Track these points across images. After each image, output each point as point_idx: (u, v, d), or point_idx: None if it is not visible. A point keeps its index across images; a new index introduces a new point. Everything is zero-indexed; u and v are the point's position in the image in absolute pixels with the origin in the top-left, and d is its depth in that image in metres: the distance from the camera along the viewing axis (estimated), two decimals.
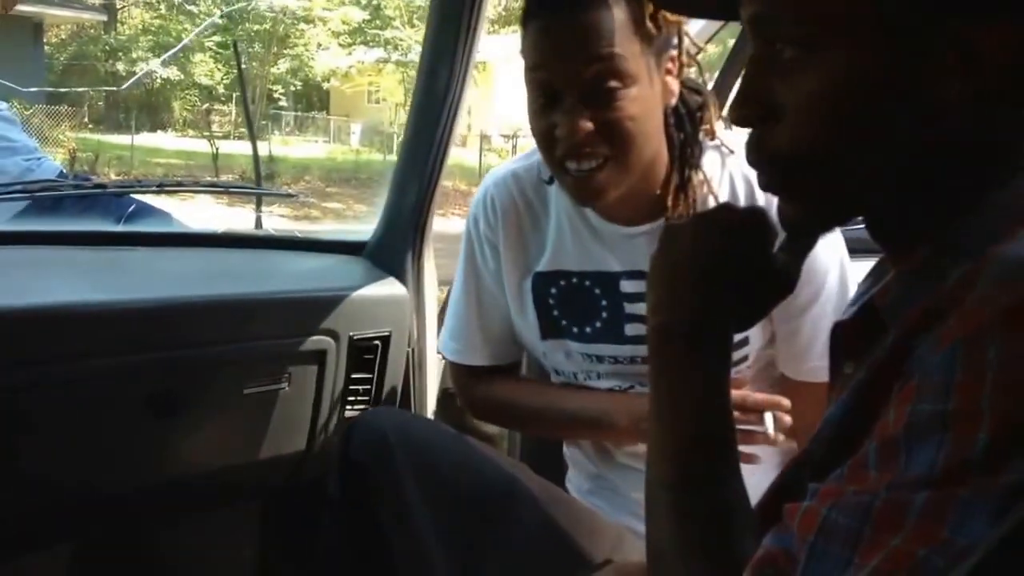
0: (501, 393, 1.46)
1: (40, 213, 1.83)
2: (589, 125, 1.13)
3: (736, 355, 1.29)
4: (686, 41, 1.22)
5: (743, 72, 0.74)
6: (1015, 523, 0.52)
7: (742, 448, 1.18)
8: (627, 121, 1.14)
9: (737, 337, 1.23)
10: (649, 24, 1.13)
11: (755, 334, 1.30)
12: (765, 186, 0.75)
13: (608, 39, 1.10)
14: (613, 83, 1.12)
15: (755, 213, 0.81)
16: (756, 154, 0.73)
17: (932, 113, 0.65)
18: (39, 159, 2.08)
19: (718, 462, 0.76)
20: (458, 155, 20.26)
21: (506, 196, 1.37)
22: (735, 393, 1.21)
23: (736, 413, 1.20)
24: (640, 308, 1.27)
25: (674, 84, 1.20)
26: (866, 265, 0.85)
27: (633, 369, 1.33)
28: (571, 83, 1.13)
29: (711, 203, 1.25)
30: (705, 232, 0.81)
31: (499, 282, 1.40)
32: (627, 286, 1.29)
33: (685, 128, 1.26)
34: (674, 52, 1.20)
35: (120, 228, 1.84)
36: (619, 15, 1.11)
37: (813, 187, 0.71)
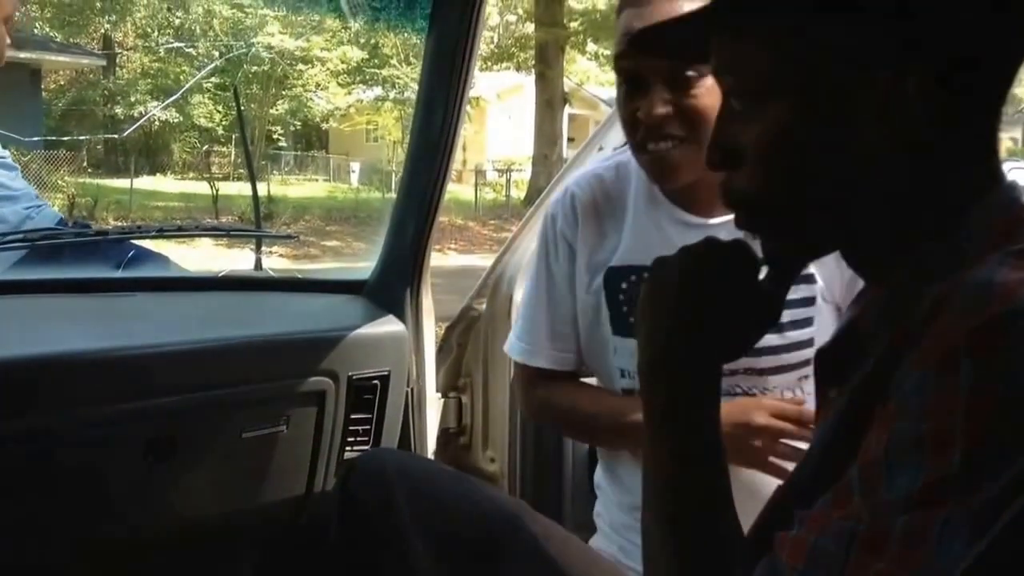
0: (561, 396, 1.46)
1: (39, 261, 1.83)
2: (667, 109, 1.22)
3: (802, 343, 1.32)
4: None
5: (715, 119, 0.79)
6: (994, 540, 0.54)
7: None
8: (701, 106, 1.22)
9: (800, 335, 1.29)
10: None
11: (820, 318, 1.32)
12: (743, 226, 0.78)
13: None
14: (691, 72, 1.21)
15: (738, 244, 0.82)
16: (724, 196, 0.77)
17: (870, 158, 0.68)
18: (39, 207, 2.09)
19: (712, 495, 0.76)
20: (454, 190, 20.38)
21: (587, 193, 1.41)
22: (792, 408, 1.26)
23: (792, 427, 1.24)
24: None
25: None
26: None
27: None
28: (654, 71, 1.22)
29: None
30: (690, 265, 0.82)
31: (570, 283, 1.42)
32: None
33: None
34: None
35: (119, 274, 1.84)
36: (699, 4, 1.16)
37: (777, 226, 0.75)
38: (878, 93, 0.67)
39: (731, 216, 1.27)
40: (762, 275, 0.83)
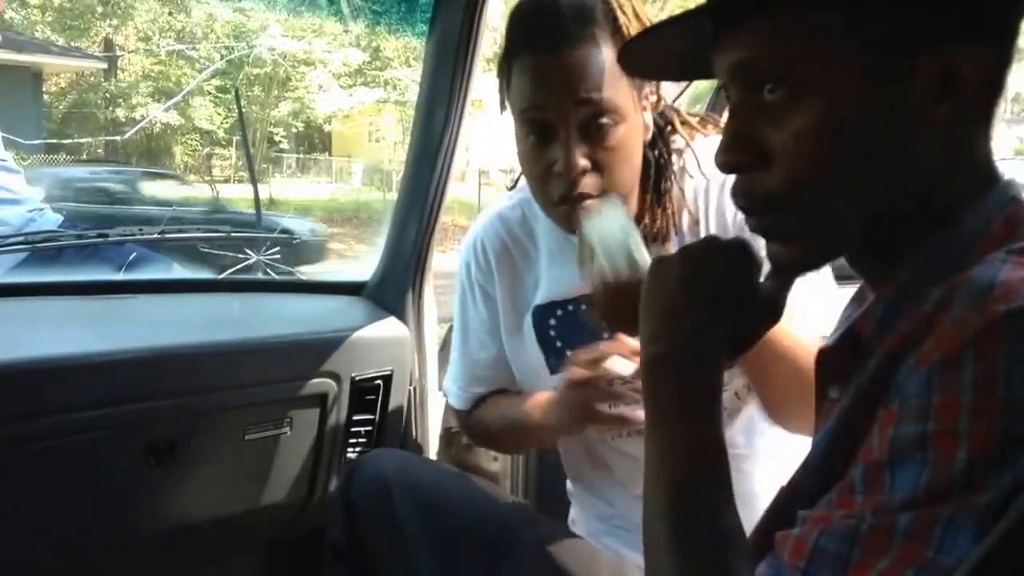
0: (480, 417, 1.47)
1: (41, 263, 1.84)
2: (585, 161, 1.13)
3: None
4: None
5: (727, 119, 0.75)
6: (997, 539, 0.54)
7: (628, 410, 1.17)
8: (619, 156, 1.15)
9: None
10: None
11: None
12: (755, 230, 0.76)
13: (599, 76, 1.12)
14: (606, 120, 1.13)
15: (739, 244, 0.82)
16: (747, 199, 0.75)
17: (916, 141, 0.68)
18: (41, 210, 2.10)
19: (714, 491, 0.76)
20: (457, 190, 20.30)
21: (495, 238, 1.38)
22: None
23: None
24: None
25: (649, 119, 1.22)
26: (850, 291, 0.86)
27: None
28: (566, 119, 1.13)
29: (685, 217, 1.27)
30: (692, 264, 0.82)
31: (493, 329, 1.41)
32: None
33: (658, 146, 1.27)
34: (649, 88, 1.21)
35: (120, 276, 1.85)
36: (607, 52, 1.12)
37: (805, 227, 0.73)
38: (945, 69, 0.66)
39: None
40: (763, 275, 0.84)
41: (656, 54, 0.82)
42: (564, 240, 1.32)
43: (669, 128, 1.29)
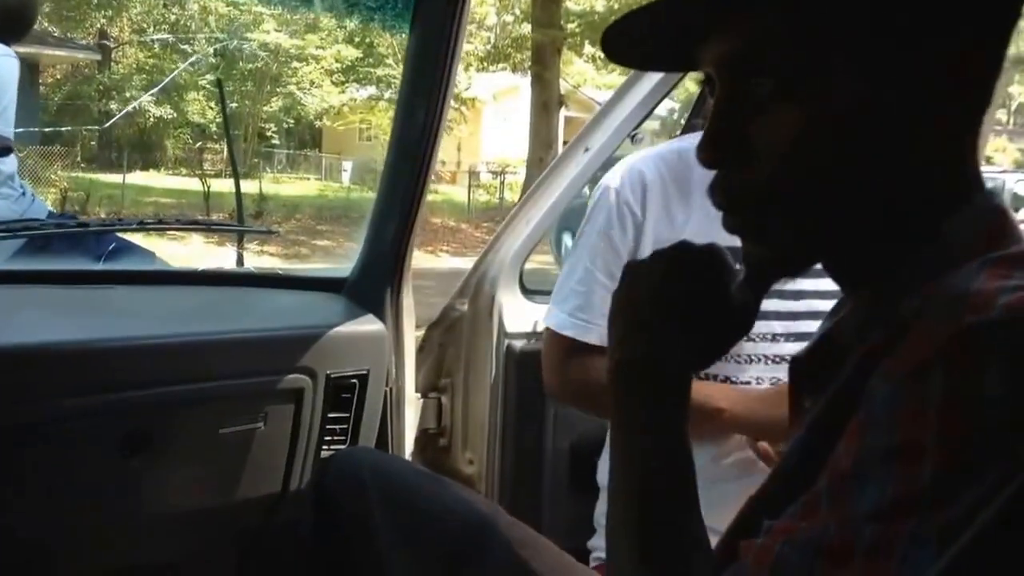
0: (587, 365, 1.44)
1: (30, 253, 1.84)
2: None
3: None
4: None
5: (710, 114, 0.73)
6: (957, 553, 0.53)
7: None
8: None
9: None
10: None
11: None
12: (732, 228, 0.75)
13: None
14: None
15: (713, 252, 0.81)
16: (726, 196, 0.73)
17: (901, 145, 0.67)
18: (31, 199, 2.09)
19: (678, 499, 0.76)
20: (447, 191, 20.37)
21: (654, 171, 1.40)
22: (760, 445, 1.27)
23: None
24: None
25: None
26: None
27: (773, 350, 1.35)
28: None
29: None
30: (664, 270, 0.81)
31: (634, 257, 1.39)
32: None
33: None
34: None
35: (99, 266, 1.84)
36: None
37: (783, 227, 0.71)
38: (917, 84, 0.66)
39: None
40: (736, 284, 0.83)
41: (640, 41, 0.79)
42: None
43: None
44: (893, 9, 0.65)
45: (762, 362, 1.38)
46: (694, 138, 1.36)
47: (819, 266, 0.76)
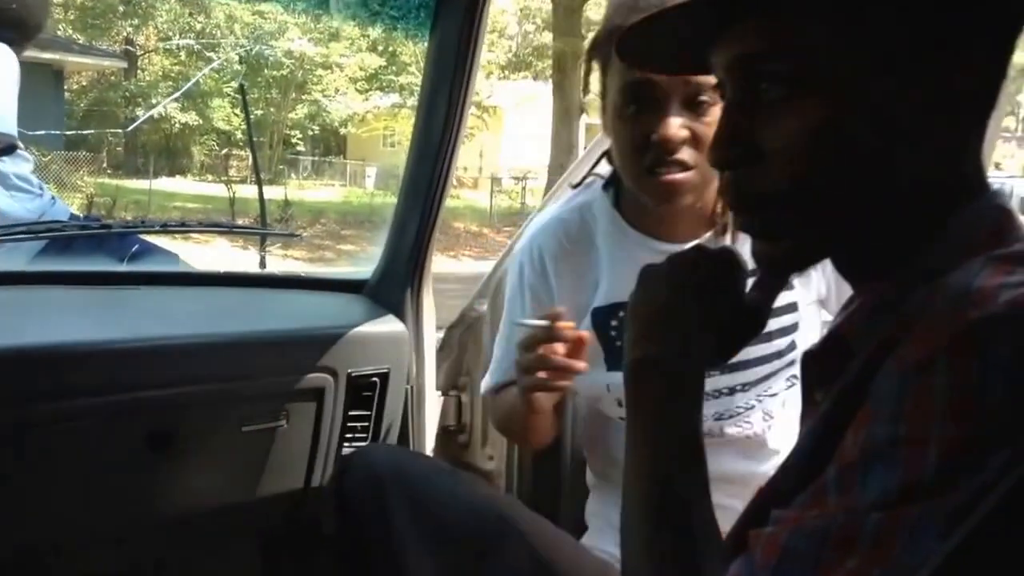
0: (498, 403, 1.48)
1: (53, 254, 1.86)
2: (685, 132, 1.20)
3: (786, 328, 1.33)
4: None
5: (721, 115, 0.75)
6: (959, 541, 0.54)
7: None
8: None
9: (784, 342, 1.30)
10: None
11: (802, 296, 1.33)
12: (743, 226, 0.77)
13: None
14: (707, 96, 1.19)
15: (726, 254, 0.83)
16: (737, 195, 0.75)
17: (911, 146, 0.68)
18: (53, 201, 2.12)
19: (690, 492, 0.77)
20: (469, 197, 20.39)
21: (553, 241, 1.41)
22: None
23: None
24: None
25: None
26: None
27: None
28: (676, 90, 1.19)
29: None
30: (679, 272, 0.83)
31: None
32: None
33: None
34: None
35: (123, 268, 1.87)
36: None
37: (794, 226, 0.73)
38: (925, 86, 0.67)
39: (704, 239, 1.29)
40: (748, 285, 0.85)
41: (656, 43, 0.81)
42: (623, 241, 1.35)
43: None
44: (900, 17, 0.67)
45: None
46: (593, 192, 1.36)
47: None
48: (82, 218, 2.11)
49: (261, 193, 2.38)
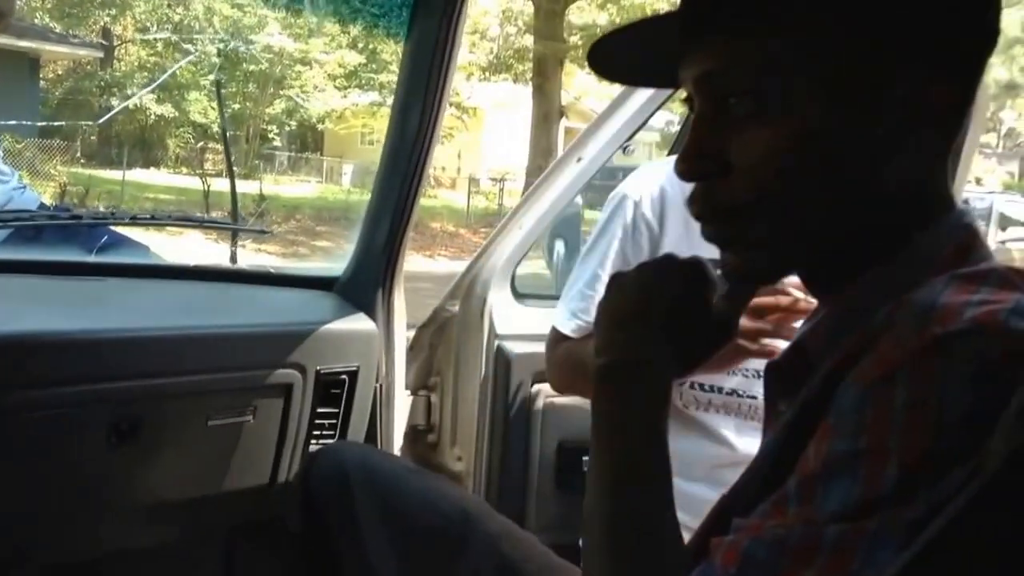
0: (562, 350, 1.48)
1: (21, 243, 1.84)
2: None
3: None
4: None
5: (690, 129, 0.76)
6: (916, 553, 0.55)
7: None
8: None
9: None
10: None
11: None
12: (709, 237, 0.77)
13: None
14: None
15: (695, 264, 0.84)
16: (703, 206, 0.76)
17: (876, 163, 0.69)
18: (23, 188, 2.10)
19: (653, 499, 0.77)
20: (447, 197, 20.37)
21: (675, 186, 1.38)
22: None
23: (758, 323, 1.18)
24: None
25: None
26: None
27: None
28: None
29: None
30: (648, 279, 0.83)
31: None
32: None
33: None
34: None
35: (92, 259, 1.85)
36: None
37: (761, 238, 0.74)
38: (892, 104, 0.68)
39: None
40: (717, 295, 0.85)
41: (627, 56, 0.82)
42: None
43: None
44: (864, 36, 0.68)
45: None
46: None
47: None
48: (52, 208, 2.08)
49: (233, 188, 2.37)
